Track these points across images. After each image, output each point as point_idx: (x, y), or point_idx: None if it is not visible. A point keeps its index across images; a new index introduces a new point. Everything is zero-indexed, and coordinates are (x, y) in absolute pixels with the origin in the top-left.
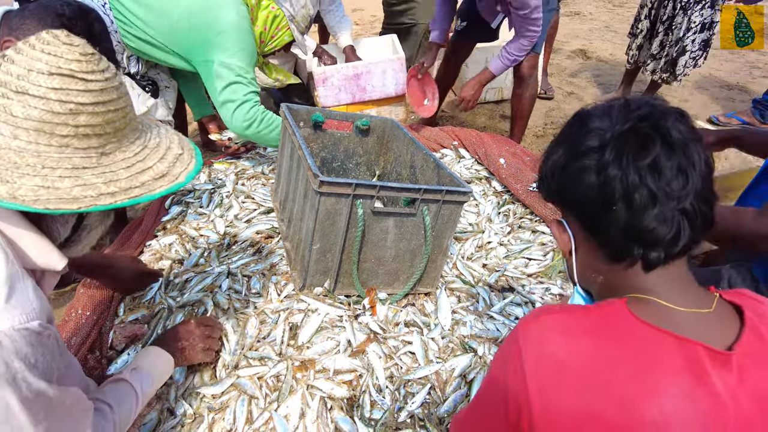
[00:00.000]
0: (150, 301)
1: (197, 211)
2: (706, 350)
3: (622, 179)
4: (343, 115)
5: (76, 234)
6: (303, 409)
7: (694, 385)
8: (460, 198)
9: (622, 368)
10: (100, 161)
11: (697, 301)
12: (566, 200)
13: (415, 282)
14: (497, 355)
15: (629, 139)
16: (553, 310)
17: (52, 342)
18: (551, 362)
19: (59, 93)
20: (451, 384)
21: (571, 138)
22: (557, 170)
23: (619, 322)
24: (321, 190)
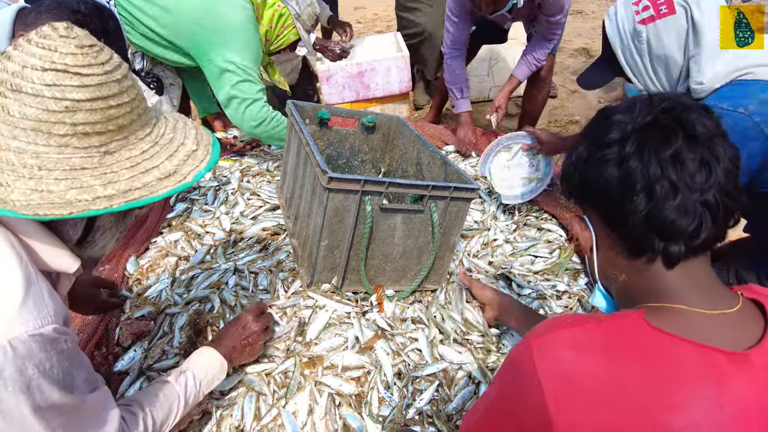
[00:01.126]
0: (156, 297)
1: (202, 208)
2: (725, 355)
3: (643, 171)
4: (348, 112)
5: (90, 235)
6: (311, 406)
7: (719, 393)
8: (467, 195)
9: (642, 383)
10: (102, 161)
11: (721, 302)
12: (588, 193)
13: (422, 279)
14: (507, 367)
15: (651, 131)
16: (565, 324)
17: (68, 347)
18: (569, 381)
19: (53, 89)
20: (459, 382)
21: (594, 131)
22: (579, 163)
23: (635, 335)
24: (330, 186)
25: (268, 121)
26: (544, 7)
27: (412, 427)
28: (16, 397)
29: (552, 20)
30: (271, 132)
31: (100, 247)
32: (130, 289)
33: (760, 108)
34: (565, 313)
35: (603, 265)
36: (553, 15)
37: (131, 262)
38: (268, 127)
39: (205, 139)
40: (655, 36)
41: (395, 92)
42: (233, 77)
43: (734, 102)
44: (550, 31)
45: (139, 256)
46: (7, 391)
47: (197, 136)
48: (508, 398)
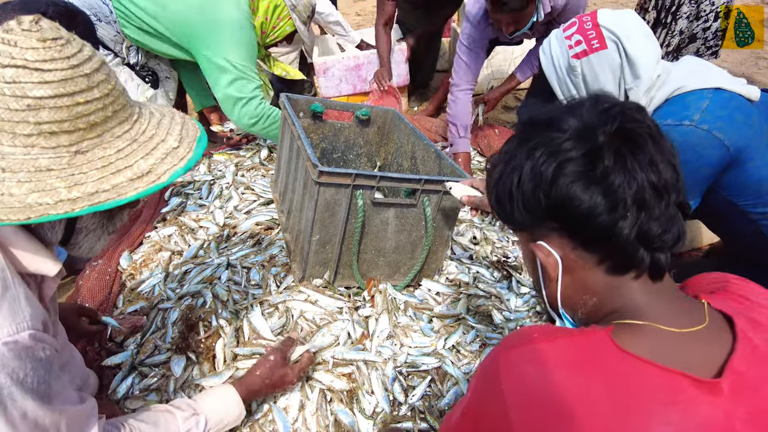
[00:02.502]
0: (149, 292)
1: (197, 202)
2: (691, 380)
3: (630, 183)
4: (343, 105)
5: (72, 237)
6: (302, 402)
7: (682, 419)
8: None
9: (604, 405)
10: (72, 161)
11: (690, 317)
12: (558, 216)
13: (415, 273)
14: (478, 377)
15: (623, 139)
16: (532, 338)
17: (45, 355)
18: (531, 397)
19: (13, 87)
20: (451, 378)
21: (548, 143)
22: (543, 184)
23: (601, 355)
24: (320, 180)
25: (265, 119)
26: (561, 16)
27: (404, 423)
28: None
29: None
30: (268, 129)
31: (86, 249)
32: (123, 285)
33: (704, 116)
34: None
35: (570, 292)
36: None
37: (124, 257)
38: (266, 125)
39: (191, 135)
40: (589, 70)
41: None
42: (229, 75)
43: (676, 116)
44: None
45: (133, 250)
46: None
47: (182, 132)
48: (478, 411)
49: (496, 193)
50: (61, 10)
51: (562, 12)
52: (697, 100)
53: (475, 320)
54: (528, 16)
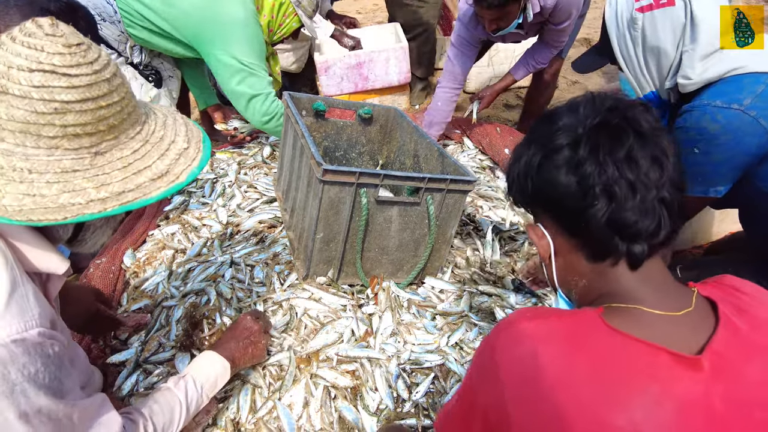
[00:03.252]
0: (153, 290)
1: (199, 200)
2: (672, 356)
3: (600, 174)
4: (345, 103)
5: (80, 234)
6: (307, 398)
7: (662, 393)
8: (464, 187)
9: (591, 380)
10: (93, 162)
11: (677, 302)
12: (543, 201)
13: (418, 272)
14: (475, 359)
15: (602, 132)
16: (527, 317)
17: (54, 351)
18: (524, 372)
19: (41, 91)
20: (454, 375)
21: (542, 137)
22: (531, 171)
23: (590, 332)
24: (324, 178)
25: (279, 116)
26: (553, 17)
27: (407, 420)
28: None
29: (558, 28)
30: (280, 128)
31: (91, 245)
32: (127, 282)
33: (756, 101)
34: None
35: (563, 273)
36: (560, 23)
37: (128, 255)
38: (280, 122)
39: (196, 136)
40: (650, 25)
41: (394, 83)
42: (240, 73)
43: (727, 98)
44: (554, 38)
45: (136, 248)
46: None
47: (188, 133)
48: (472, 389)
49: (509, 178)
50: (63, 6)
51: (554, 12)
52: (753, 84)
53: (478, 318)
54: (510, 14)
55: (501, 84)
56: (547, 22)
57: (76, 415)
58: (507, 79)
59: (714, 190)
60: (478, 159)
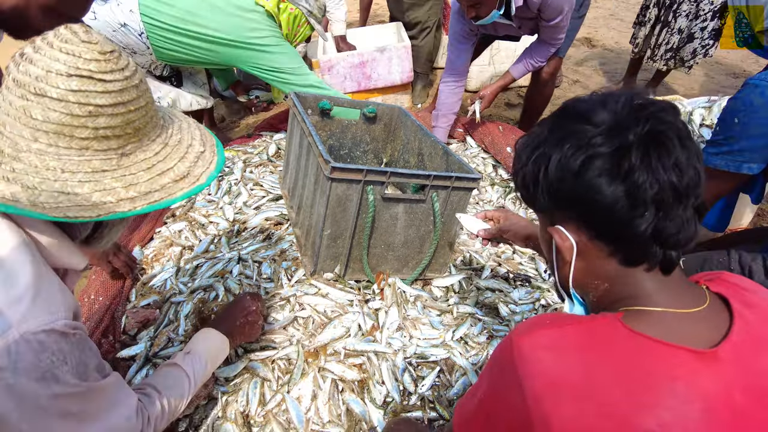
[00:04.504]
0: (161, 286)
1: (206, 198)
2: (693, 353)
3: (652, 184)
4: (350, 102)
5: (97, 232)
6: (315, 391)
7: (688, 390)
8: (469, 184)
9: (616, 384)
10: (120, 163)
11: (693, 300)
12: (580, 206)
13: (423, 268)
14: (492, 367)
15: (652, 140)
16: (545, 324)
17: (78, 339)
18: (547, 381)
19: (78, 95)
20: (459, 368)
21: (577, 136)
22: (567, 174)
23: (611, 337)
24: (332, 176)
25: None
26: (543, 12)
27: (413, 413)
28: (33, 386)
29: (551, 24)
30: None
31: (105, 242)
32: (135, 279)
33: None
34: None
35: (582, 276)
36: (552, 20)
37: (136, 252)
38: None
39: (210, 140)
40: None
41: (397, 83)
42: (289, 77)
43: None
44: (551, 36)
45: (144, 246)
46: (25, 382)
47: (202, 138)
48: (494, 398)
49: (522, 177)
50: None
51: (543, 8)
52: None
53: (482, 313)
54: (486, 4)
55: (500, 82)
56: (539, 18)
57: (98, 393)
58: (506, 77)
59: (747, 167)
60: (480, 157)
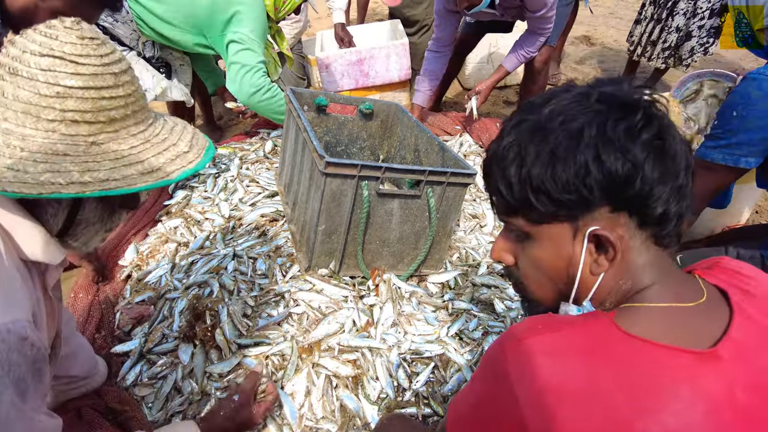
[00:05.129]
0: (156, 283)
1: (202, 195)
2: (693, 354)
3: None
4: (346, 98)
5: (72, 228)
6: (309, 387)
7: (691, 394)
8: (464, 180)
9: (615, 392)
10: (88, 150)
11: (690, 294)
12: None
13: (419, 264)
14: (486, 373)
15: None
16: (539, 329)
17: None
18: (542, 389)
19: (47, 74)
20: (454, 365)
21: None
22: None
23: (607, 342)
24: (327, 171)
25: (265, 90)
26: (527, 3)
27: (408, 409)
28: None
29: (536, 16)
30: (266, 103)
31: (82, 242)
32: (129, 276)
33: None
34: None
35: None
36: (536, 11)
37: (131, 249)
38: (265, 96)
39: (200, 144)
40: None
41: (394, 80)
42: (237, 46)
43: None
44: (538, 26)
45: (139, 242)
46: None
47: (192, 140)
48: (488, 405)
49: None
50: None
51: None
52: None
53: (477, 309)
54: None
55: (495, 77)
56: (524, 9)
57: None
58: (500, 71)
59: (745, 160)
60: (477, 154)
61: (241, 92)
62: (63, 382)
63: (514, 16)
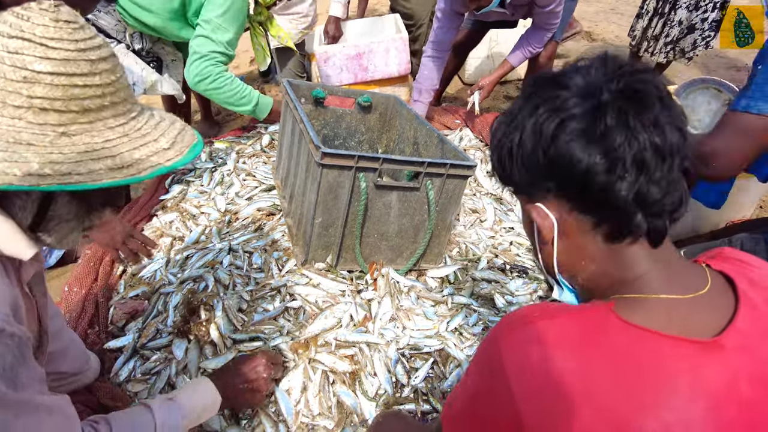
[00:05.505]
0: (151, 277)
1: (198, 189)
2: (696, 344)
3: (631, 143)
4: (345, 91)
5: (43, 224)
6: (305, 383)
7: (691, 387)
8: (464, 172)
9: (612, 384)
10: (56, 141)
11: (693, 283)
12: (557, 177)
13: (418, 258)
14: (481, 363)
15: (629, 96)
16: (534, 317)
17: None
18: (540, 384)
19: (14, 57)
20: (453, 360)
21: (552, 101)
22: (544, 142)
23: (605, 330)
24: (323, 162)
25: (211, 80)
26: (536, 1)
27: (406, 405)
28: None
29: (546, 11)
30: (213, 92)
31: (56, 240)
32: (123, 270)
33: None
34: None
35: (568, 258)
36: (546, 6)
37: None
38: (211, 86)
39: (185, 141)
40: None
41: (394, 74)
42: (198, 30)
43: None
44: (546, 21)
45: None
46: None
47: (177, 137)
48: (483, 399)
49: (498, 153)
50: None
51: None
52: None
53: (477, 304)
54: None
55: (499, 72)
56: (534, 4)
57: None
58: (504, 66)
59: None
60: (478, 149)
61: (188, 78)
62: (52, 379)
63: (525, 15)
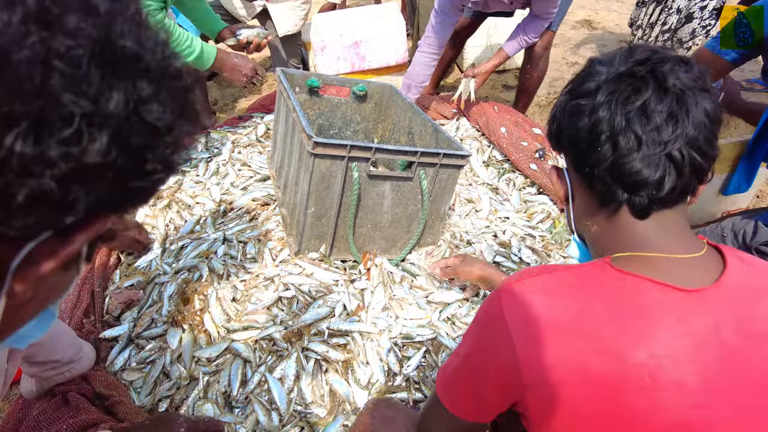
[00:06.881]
0: (146, 267)
1: (193, 179)
2: (683, 291)
3: (609, 121)
4: (340, 80)
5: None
6: (298, 372)
7: (678, 326)
8: (458, 162)
9: (607, 320)
10: None
11: (688, 247)
12: (562, 141)
13: (411, 247)
14: (480, 319)
15: (623, 82)
16: (534, 273)
17: None
18: (536, 323)
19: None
20: (446, 349)
21: (577, 81)
22: (558, 111)
23: (600, 277)
24: (315, 151)
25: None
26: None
27: (398, 394)
28: None
29: (544, 0)
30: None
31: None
32: (118, 260)
33: None
34: None
35: (577, 216)
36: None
37: None
38: None
39: None
40: None
41: (391, 63)
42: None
43: None
44: (544, 10)
45: None
46: None
47: None
48: (480, 351)
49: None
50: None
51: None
52: None
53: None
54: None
55: (495, 60)
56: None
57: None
58: (500, 54)
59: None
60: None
61: None
62: (48, 367)
63: (523, 3)
